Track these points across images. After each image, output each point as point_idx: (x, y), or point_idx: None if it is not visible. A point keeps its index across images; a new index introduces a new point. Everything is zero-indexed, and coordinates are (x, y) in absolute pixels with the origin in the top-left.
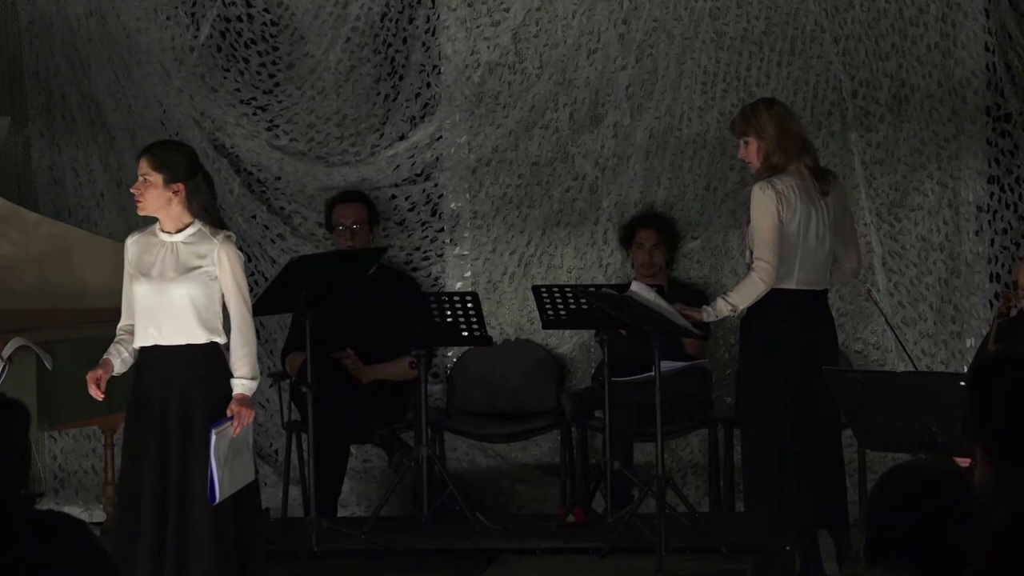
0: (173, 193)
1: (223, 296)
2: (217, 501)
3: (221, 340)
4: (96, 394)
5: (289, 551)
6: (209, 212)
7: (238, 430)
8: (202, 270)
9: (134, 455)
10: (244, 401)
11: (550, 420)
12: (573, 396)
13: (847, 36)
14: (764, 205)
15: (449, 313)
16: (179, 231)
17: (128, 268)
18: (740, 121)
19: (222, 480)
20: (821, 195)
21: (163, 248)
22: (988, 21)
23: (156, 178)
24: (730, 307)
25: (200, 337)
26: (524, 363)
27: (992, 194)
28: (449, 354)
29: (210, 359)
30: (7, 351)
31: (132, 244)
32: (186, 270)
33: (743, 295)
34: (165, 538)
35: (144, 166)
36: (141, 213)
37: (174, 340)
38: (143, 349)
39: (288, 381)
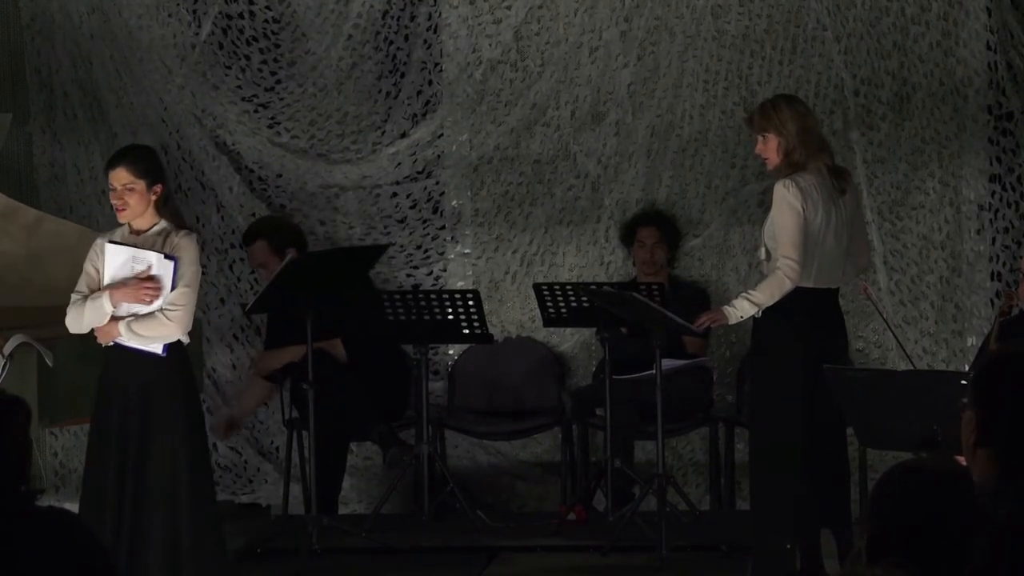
0: (153, 195)
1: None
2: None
3: (185, 339)
4: None
5: (290, 548)
6: (177, 214)
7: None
8: None
9: (95, 448)
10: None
11: (551, 418)
12: (574, 394)
13: (849, 34)
14: (789, 203)
15: (451, 310)
16: (146, 231)
17: (91, 267)
18: (760, 117)
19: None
20: (840, 193)
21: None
22: (990, 20)
23: (140, 184)
24: (755, 306)
25: None
26: (525, 361)
27: (993, 193)
28: (450, 352)
29: (172, 356)
30: (8, 348)
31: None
32: None
33: (768, 294)
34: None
35: (124, 176)
36: (124, 220)
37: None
38: (107, 347)
39: (288, 380)
